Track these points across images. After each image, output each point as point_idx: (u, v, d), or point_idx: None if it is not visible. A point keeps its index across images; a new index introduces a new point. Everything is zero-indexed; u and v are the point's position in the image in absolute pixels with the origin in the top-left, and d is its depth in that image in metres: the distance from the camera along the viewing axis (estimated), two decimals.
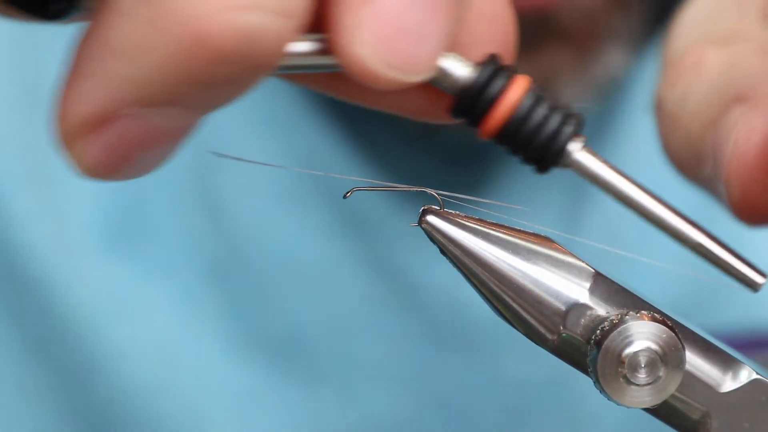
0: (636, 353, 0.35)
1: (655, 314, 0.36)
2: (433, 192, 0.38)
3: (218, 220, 0.77)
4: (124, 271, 0.76)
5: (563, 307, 0.36)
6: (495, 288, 0.36)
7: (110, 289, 0.76)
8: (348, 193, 0.39)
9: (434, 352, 0.76)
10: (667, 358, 0.35)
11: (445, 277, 0.76)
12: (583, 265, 0.36)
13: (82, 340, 0.76)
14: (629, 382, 0.35)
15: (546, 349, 0.36)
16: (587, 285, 0.36)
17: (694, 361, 0.36)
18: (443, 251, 0.36)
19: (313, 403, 0.76)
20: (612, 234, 0.76)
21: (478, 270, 0.36)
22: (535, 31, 0.69)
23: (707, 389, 0.36)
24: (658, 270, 0.76)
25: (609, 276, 0.36)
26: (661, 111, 0.43)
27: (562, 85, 0.70)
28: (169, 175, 0.76)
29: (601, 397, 0.74)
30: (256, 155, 0.76)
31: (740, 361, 0.36)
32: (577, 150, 0.35)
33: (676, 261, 0.76)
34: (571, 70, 0.71)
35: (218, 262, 0.77)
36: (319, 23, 0.33)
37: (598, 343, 0.35)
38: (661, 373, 0.35)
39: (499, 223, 0.37)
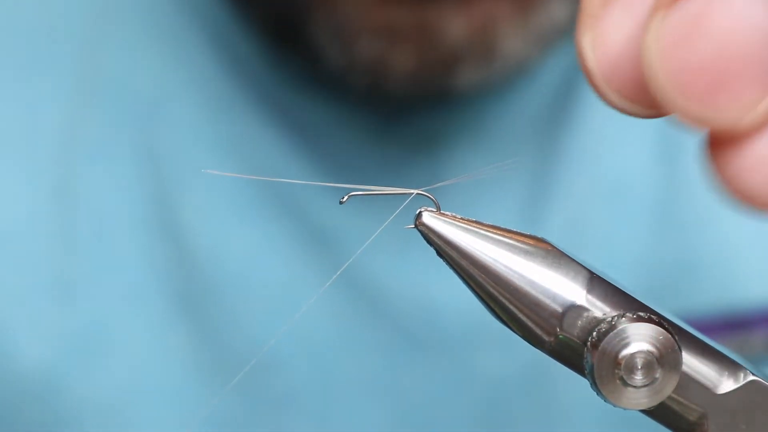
0: (633, 355, 0.35)
1: (652, 316, 0.36)
2: (428, 194, 0.38)
3: (181, 247, 0.75)
4: (82, 308, 0.74)
5: (560, 309, 0.36)
6: (491, 290, 0.36)
7: (69, 327, 0.73)
8: (344, 198, 0.39)
9: (407, 359, 0.75)
10: (664, 359, 0.35)
11: (412, 282, 0.75)
12: (580, 266, 0.36)
13: (42, 385, 0.73)
14: (626, 384, 0.35)
15: (543, 350, 0.36)
16: (584, 287, 0.36)
17: (691, 363, 0.36)
18: (439, 253, 0.36)
19: (287, 425, 0.75)
20: (575, 221, 0.76)
21: (474, 272, 0.36)
22: None
23: (704, 391, 0.36)
24: (625, 255, 0.76)
25: (606, 277, 0.36)
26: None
27: (502, 36, 0.68)
28: (128, 205, 0.75)
29: (577, 393, 0.74)
30: (217, 178, 0.75)
31: (737, 363, 0.36)
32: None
33: (645, 245, 0.76)
34: (511, 20, 0.68)
35: (183, 290, 0.75)
36: None
37: (595, 345, 0.35)
38: (657, 375, 0.35)
39: (496, 224, 0.37)
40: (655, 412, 0.36)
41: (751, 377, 0.36)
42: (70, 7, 0.77)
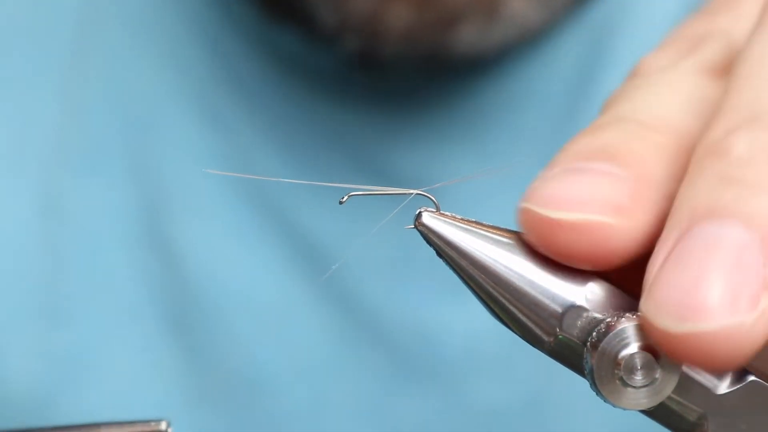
0: (632, 355, 0.35)
1: None
2: (427, 195, 0.38)
3: (174, 265, 0.73)
4: (73, 328, 0.72)
5: (560, 309, 0.36)
6: (491, 290, 0.36)
7: (59, 347, 0.72)
8: (344, 198, 0.39)
9: (402, 384, 0.73)
10: (664, 360, 0.35)
11: (410, 308, 0.73)
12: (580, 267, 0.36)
13: (31, 405, 0.71)
14: (625, 384, 0.35)
15: (542, 351, 0.36)
16: (583, 287, 0.36)
17: None
18: (439, 253, 0.37)
19: None
20: None
21: (474, 272, 0.36)
22: None
23: (704, 391, 0.36)
24: None
25: (605, 278, 0.36)
26: None
27: (464, 30, 0.66)
28: (119, 221, 0.73)
29: (575, 420, 0.73)
30: (208, 197, 0.73)
31: None
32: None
33: None
34: (473, 12, 0.66)
35: (176, 309, 0.73)
36: None
37: (595, 345, 0.35)
38: (657, 375, 0.35)
39: (496, 225, 0.37)
40: (655, 413, 0.36)
41: (751, 377, 0.36)
42: (57, 16, 0.75)
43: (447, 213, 0.37)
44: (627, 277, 0.36)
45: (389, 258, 0.73)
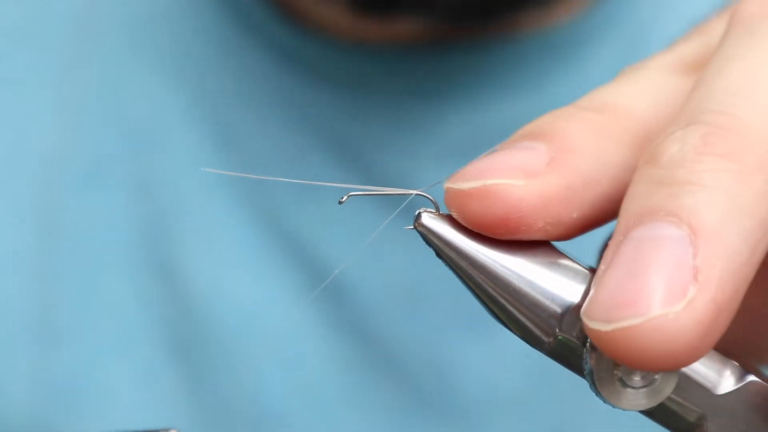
0: None
1: None
2: (427, 195, 0.38)
3: (175, 288, 0.70)
4: (70, 352, 0.70)
5: (559, 310, 0.36)
6: (491, 290, 0.36)
7: (55, 372, 0.70)
8: (343, 198, 0.39)
9: (415, 419, 0.70)
10: None
11: (424, 335, 0.70)
12: (579, 267, 0.36)
13: (36, 426, 0.69)
14: (625, 385, 0.35)
15: (542, 351, 0.36)
16: (583, 287, 0.36)
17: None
18: (438, 254, 0.36)
19: None
20: None
21: (474, 272, 0.36)
22: None
23: (703, 391, 0.36)
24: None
25: None
26: None
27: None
28: (118, 241, 0.70)
29: None
30: (213, 216, 0.71)
31: (736, 363, 0.36)
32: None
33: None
34: None
35: (177, 333, 0.70)
36: None
37: (594, 346, 0.35)
38: (656, 376, 0.35)
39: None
40: (655, 413, 0.36)
41: (751, 378, 0.36)
42: (55, 23, 0.73)
43: (446, 213, 0.37)
44: None
45: (405, 285, 0.71)
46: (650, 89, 0.40)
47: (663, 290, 0.32)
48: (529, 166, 0.36)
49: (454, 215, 0.36)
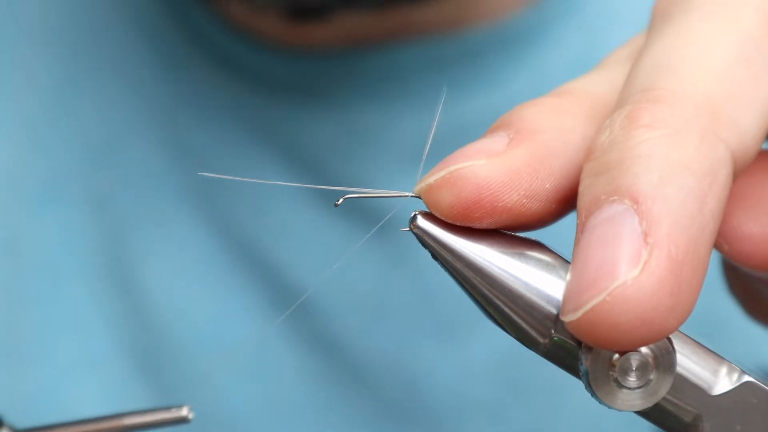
0: (627, 357, 0.35)
1: None
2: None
3: (139, 304, 0.70)
4: (33, 370, 0.69)
5: (554, 311, 0.36)
6: (486, 292, 0.36)
7: (19, 391, 0.69)
8: (339, 201, 0.39)
9: (386, 429, 0.70)
10: (658, 361, 0.35)
11: (389, 344, 0.69)
12: None
13: None
14: (620, 386, 0.35)
15: (538, 353, 0.36)
16: None
17: (686, 364, 0.36)
18: (434, 256, 0.37)
19: None
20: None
21: (470, 274, 0.36)
22: None
23: (699, 392, 0.36)
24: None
25: None
26: None
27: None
28: (81, 258, 0.70)
29: None
30: (172, 230, 0.70)
31: (732, 364, 0.36)
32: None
33: None
34: None
35: (142, 350, 0.69)
36: None
37: (589, 347, 0.35)
38: (652, 377, 0.35)
39: (491, 228, 0.37)
40: (650, 414, 0.36)
41: (746, 378, 0.36)
42: (7, 40, 0.72)
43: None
44: None
45: (371, 296, 0.70)
46: (607, 77, 0.41)
47: (617, 262, 0.33)
48: (489, 147, 0.37)
49: (436, 213, 0.37)
